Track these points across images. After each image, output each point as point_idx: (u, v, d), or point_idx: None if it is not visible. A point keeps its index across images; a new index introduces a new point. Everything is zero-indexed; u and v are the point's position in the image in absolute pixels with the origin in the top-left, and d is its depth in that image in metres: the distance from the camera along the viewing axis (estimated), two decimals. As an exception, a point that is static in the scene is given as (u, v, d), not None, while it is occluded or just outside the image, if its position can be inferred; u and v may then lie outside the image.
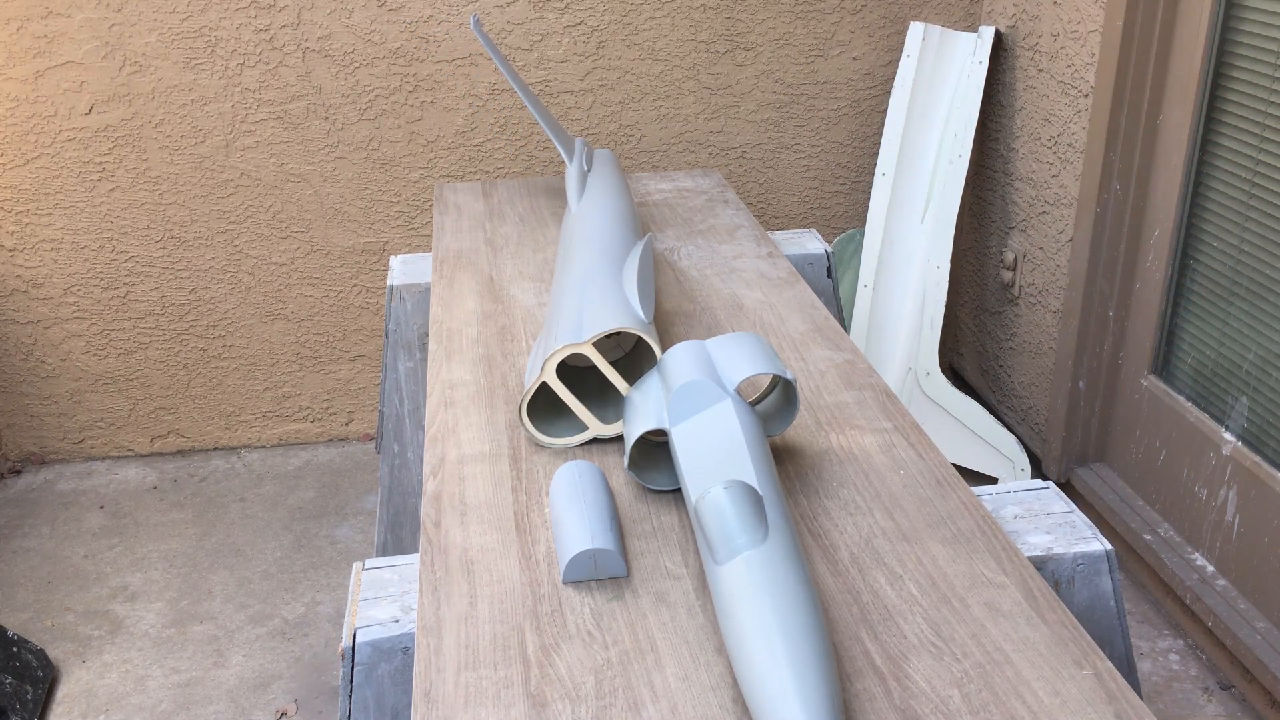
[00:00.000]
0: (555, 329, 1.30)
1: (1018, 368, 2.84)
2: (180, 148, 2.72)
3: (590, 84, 2.80)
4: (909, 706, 0.88)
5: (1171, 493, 2.33)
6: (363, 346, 2.99)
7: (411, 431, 2.03)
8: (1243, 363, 2.12)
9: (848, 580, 1.03)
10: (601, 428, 1.26)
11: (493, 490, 1.18)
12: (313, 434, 3.07)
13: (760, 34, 2.81)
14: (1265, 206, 2.02)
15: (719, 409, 1.10)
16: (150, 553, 2.60)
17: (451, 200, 2.09)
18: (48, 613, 2.41)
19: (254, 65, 2.66)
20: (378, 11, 2.65)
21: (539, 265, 1.76)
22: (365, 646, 1.04)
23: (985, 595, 1.00)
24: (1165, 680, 2.13)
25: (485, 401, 1.36)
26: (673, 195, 2.11)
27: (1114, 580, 1.15)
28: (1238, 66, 2.07)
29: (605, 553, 1.02)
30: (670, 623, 0.98)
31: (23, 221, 2.74)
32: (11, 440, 2.96)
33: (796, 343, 1.52)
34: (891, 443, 1.26)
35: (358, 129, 2.76)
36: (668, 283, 1.70)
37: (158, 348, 2.91)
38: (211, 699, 2.15)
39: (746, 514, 0.95)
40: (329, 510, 2.76)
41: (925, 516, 1.12)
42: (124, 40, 2.60)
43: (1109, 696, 0.88)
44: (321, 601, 2.43)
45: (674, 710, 0.88)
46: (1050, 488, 1.25)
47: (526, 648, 0.95)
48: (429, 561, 1.07)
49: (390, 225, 2.87)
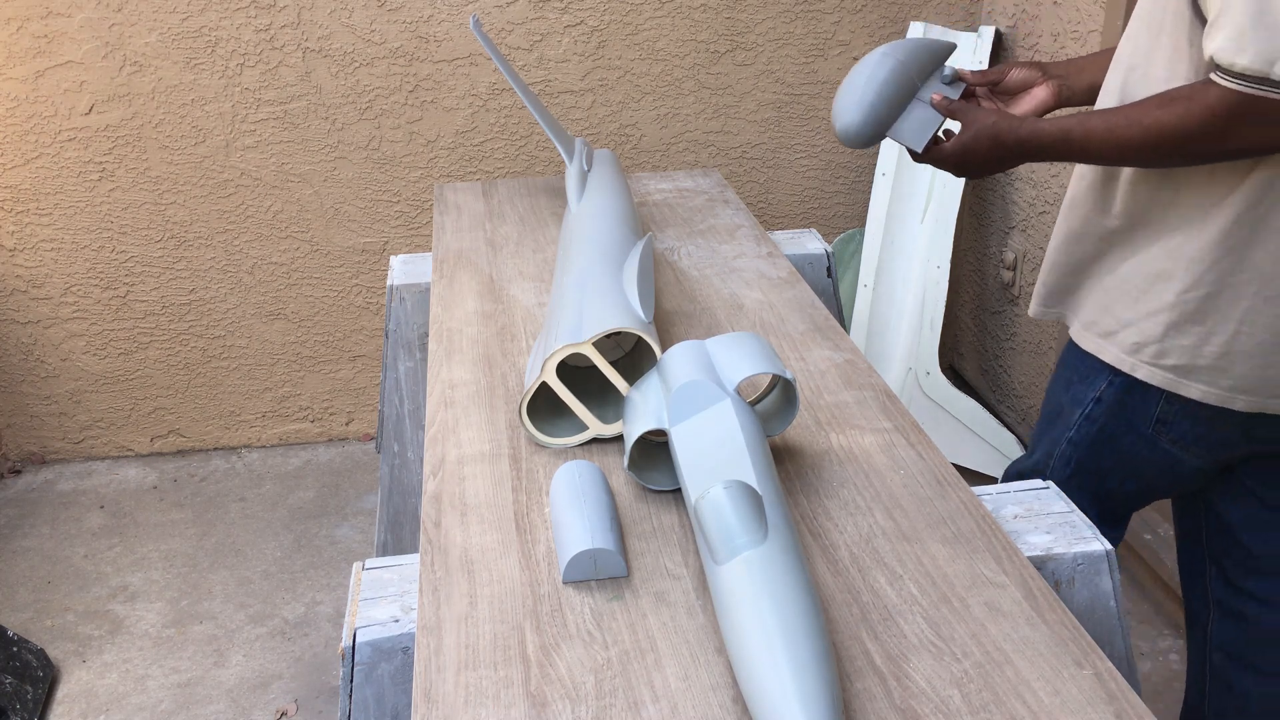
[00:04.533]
0: (555, 329, 1.30)
1: (1018, 368, 2.84)
2: (180, 148, 2.72)
3: (590, 84, 2.80)
4: (909, 706, 0.88)
5: (1171, 493, 2.33)
6: (363, 346, 2.99)
7: (411, 431, 2.03)
8: (1243, 363, 2.12)
9: (848, 580, 1.03)
10: (601, 428, 1.26)
11: (493, 490, 1.18)
12: (313, 434, 3.07)
13: (760, 34, 2.81)
14: (1265, 206, 2.02)
15: (719, 409, 1.10)
16: (150, 553, 2.60)
17: (451, 200, 2.09)
18: (48, 613, 2.41)
19: (254, 65, 2.66)
20: (378, 11, 2.65)
21: (539, 265, 1.76)
22: (365, 646, 1.04)
23: (985, 595, 1.00)
24: (1165, 680, 2.12)
25: (485, 401, 1.36)
26: (673, 195, 2.11)
27: (1114, 580, 1.15)
28: (1238, 66, 2.06)
29: (605, 553, 1.02)
30: (670, 623, 0.98)
31: (23, 221, 2.74)
32: (11, 440, 2.96)
33: (796, 343, 1.52)
34: (891, 443, 1.26)
35: (358, 129, 2.76)
36: (668, 283, 1.70)
37: (158, 348, 2.91)
38: (211, 699, 2.15)
39: (746, 514, 0.95)
40: (329, 510, 2.76)
41: (925, 516, 1.12)
42: (124, 40, 2.60)
43: (1109, 696, 0.88)
44: (321, 601, 2.43)
45: (674, 710, 0.88)
46: (1050, 488, 1.25)
47: (526, 648, 0.95)
48: (429, 561, 1.07)
49: (390, 225, 2.87)
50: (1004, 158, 1.31)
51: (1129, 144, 1.21)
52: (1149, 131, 1.19)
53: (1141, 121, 1.19)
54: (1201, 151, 1.18)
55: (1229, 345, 1.26)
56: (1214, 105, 1.13)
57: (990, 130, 1.31)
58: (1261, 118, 1.11)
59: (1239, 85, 1.11)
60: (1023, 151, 1.30)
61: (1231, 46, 1.09)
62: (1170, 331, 1.29)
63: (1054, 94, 1.49)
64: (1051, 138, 1.28)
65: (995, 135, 1.31)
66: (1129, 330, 1.33)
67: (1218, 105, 1.13)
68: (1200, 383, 1.29)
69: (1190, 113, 1.15)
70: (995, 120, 1.31)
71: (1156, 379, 1.32)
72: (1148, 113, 1.19)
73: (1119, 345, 1.34)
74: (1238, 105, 1.12)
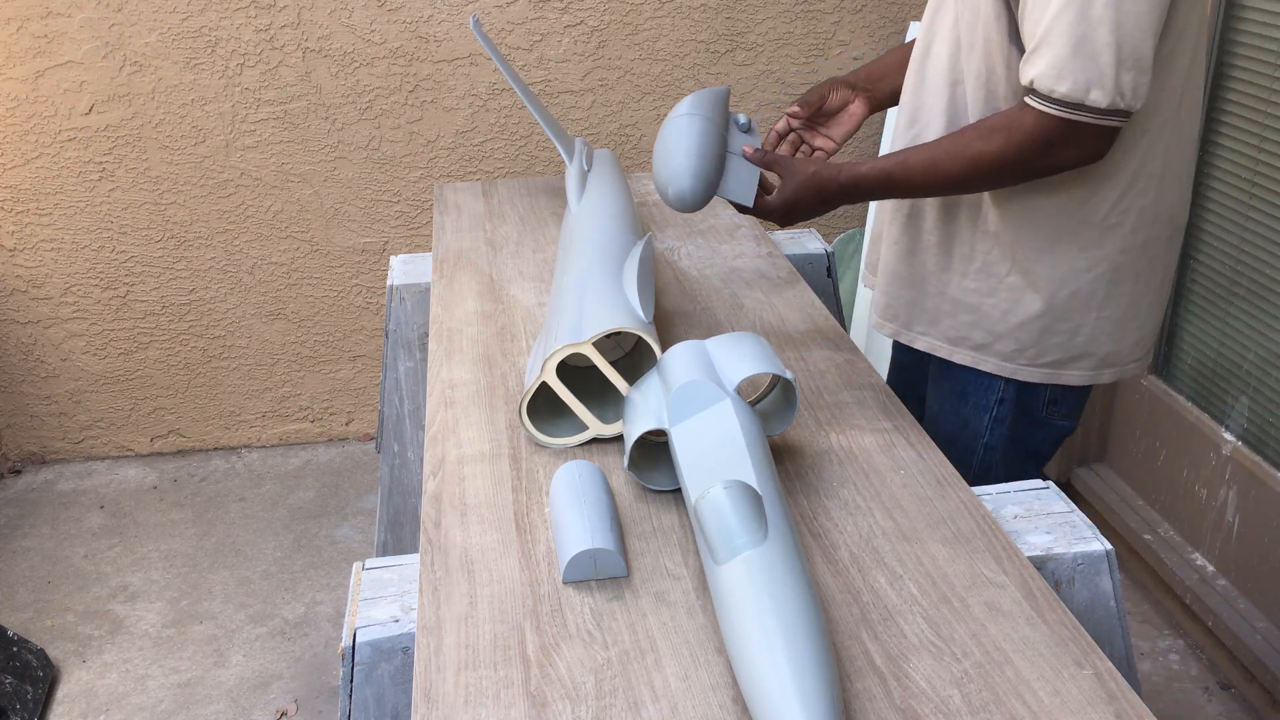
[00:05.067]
0: (555, 329, 1.30)
1: (1018, 368, 2.84)
2: (180, 148, 2.72)
3: (590, 84, 2.80)
4: (909, 706, 0.88)
5: (1171, 493, 2.33)
6: (363, 346, 2.99)
7: (411, 431, 2.03)
8: (1243, 363, 2.12)
9: (848, 580, 1.03)
10: (601, 428, 1.26)
11: (493, 490, 1.18)
12: (313, 434, 3.07)
13: (760, 34, 2.81)
14: (1265, 206, 2.02)
15: (718, 409, 1.10)
16: (150, 553, 2.60)
17: (451, 200, 2.09)
18: (48, 613, 2.41)
19: (254, 65, 2.66)
20: (378, 11, 2.65)
21: (539, 265, 1.76)
22: (365, 646, 1.04)
23: (985, 595, 1.00)
24: (1165, 680, 2.13)
25: (485, 401, 1.36)
26: (673, 195, 2.10)
27: (1114, 580, 1.15)
28: (1238, 66, 2.07)
29: (605, 553, 1.02)
30: (670, 623, 0.98)
31: (23, 221, 2.74)
32: (11, 440, 2.97)
33: (796, 343, 1.52)
34: (891, 443, 1.26)
35: (358, 129, 2.76)
36: (668, 283, 1.70)
37: (158, 348, 2.91)
38: (211, 699, 2.15)
39: (746, 514, 0.95)
40: (329, 510, 2.76)
41: (925, 516, 1.12)
42: (124, 40, 2.60)
43: (1109, 696, 0.88)
44: (321, 601, 2.43)
45: (674, 710, 0.88)
46: (1050, 487, 1.25)
47: (526, 648, 0.95)
48: (429, 561, 1.07)
49: (390, 225, 2.87)
50: (828, 201, 1.37)
51: (952, 176, 1.28)
52: (973, 163, 1.26)
53: (964, 154, 1.26)
54: (1019, 175, 1.26)
55: (1093, 332, 1.37)
56: (1032, 130, 1.21)
57: (813, 181, 1.36)
58: (1074, 139, 1.21)
59: (1056, 110, 1.19)
60: (846, 195, 1.36)
61: (1052, 74, 1.17)
62: (1043, 335, 1.38)
63: (866, 106, 1.56)
64: (873, 181, 1.33)
65: (819, 186, 1.35)
66: (1003, 340, 1.40)
67: (1036, 130, 1.21)
68: (1076, 369, 1.39)
69: (1011, 141, 1.23)
70: (815, 170, 1.36)
71: (1038, 376, 1.41)
72: (969, 144, 1.26)
73: (997, 355, 1.41)
74: (1054, 130, 1.20)
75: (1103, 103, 1.16)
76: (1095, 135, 1.21)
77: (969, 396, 1.46)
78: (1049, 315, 1.36)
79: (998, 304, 1.38)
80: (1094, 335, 1.37)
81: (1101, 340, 1.38)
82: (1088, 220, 1.32)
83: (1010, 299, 1.37)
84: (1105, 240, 1.33)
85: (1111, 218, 1.32)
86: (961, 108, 1.34)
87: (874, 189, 1.34)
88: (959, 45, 1.33)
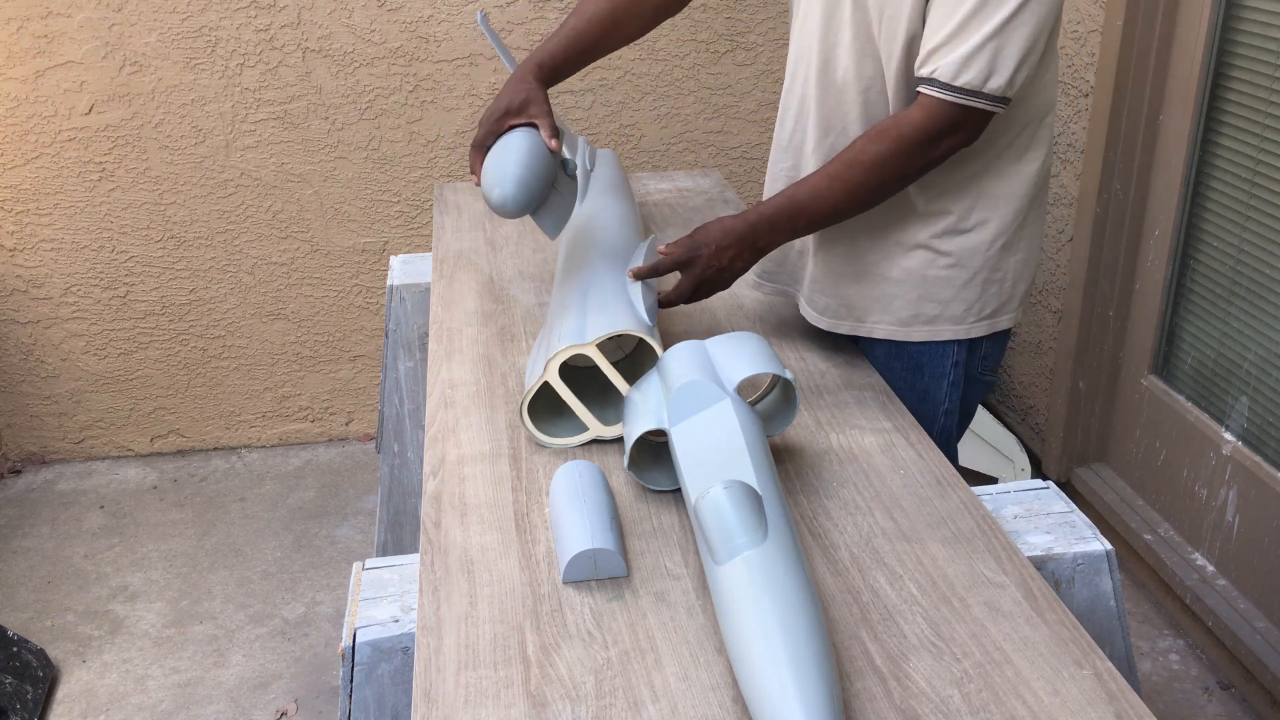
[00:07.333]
0: (558, 329, 1.30)
1: (1018, 368, 2.84)
2: (180, 148, 2.72)
3: (590, 84, 2.80)
4: (909, 706, 0.88)
5: (1171, 493, 2.33)
6: (363, 346, 2.99)
7: (411, 431, 2.03)
8: (1243, 363, 2.12)
9: (848, 580, 1.03)
10: (602, 428, 1.26)
11: (493, 490, 1.18)
12: (313, 434, 3.07)
13: (760, 34, 2.81)
14: (1265, 206, 2.02)
15: (718, 409, 1.10)
16: (150, 553, 2.60)
17: (451, 200, 2.09)
18: (48, 613, 2.41)
19: (254, 65, 2.66)
20: (378, 11, 2.65)
21: (539, 265, 1.76)
22: (365, 646, 1.04)
23: (985, 595, 1.00)
24: (1165, 680, 2.13)
25: (485, 401, 1.36)
26: (673, 195, 2.11)
27: (1114, 580, 1.15)
28: (1238, 66, 2.07)
29: (605, 553, 1.02)
30: (670, 623, 0.98)
31: (23, 221, 2.74)
32: (11, 440, 2.97)
33: (796, 343, 1.52)
34: (891, 443, 1.26)
35: (358, 129, 2.76)
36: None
37: (158, 348, 2.91)
38: (211, 699, 2.15)
39: (746, 514, 0.95)
40: (329, 510, 2.76)
41: (925, 516, 1.12)
42: (124, 40, 2.60)
43: (1109, 696, 0.88)
44: (321, 601, 2.43)
45: (674, 710, 0.88)
46: (1050, 487, 1.25)
47: (526, 648, 0.95)
48: (429, 561, 1.07)
49: (390, 225, 2.87)
50: (741, 252, 1.35)
51: (855, 186, 1.30)
52: (872, 168, 1.28)
53: (861, 162, 1.29)
54: (916, 167, 1.29)
55: (1016, 276, 1.43)
56: (921, 121, 1.26)
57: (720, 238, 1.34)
58: (962, 124, 1.26)
59: (952, 97, 1.23)
60: (754, 236, 1.34)
61: (957, 65, 1.22)
62: (985, 288, 1.42)
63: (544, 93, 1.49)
64: (775, 208, 1.34)
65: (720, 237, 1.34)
66: (952, 305, 1.43)
67: (924, 120, 1.25)
68: (1005, 314, 1.45)
69: (902, 134, 1.26)
70: (710, 225, 1.35)
71: (982, 329, 1.45)
72: (863, 151, 1.29)
73: (949, 321, 1.44)
74: (944, 117, 1.25)
75: (998, 91, 1.23)
76: (982, 120, 1.27)
77: (925, 368, 1.48)
78: (985, 267, 1.40)
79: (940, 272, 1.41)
80: (1017, 276, 1.43)
81: (1021, 281, 1.44)
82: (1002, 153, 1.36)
83: (951, 261, 1.40)
84: (1020, 171, 1.37)
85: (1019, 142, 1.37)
86: (878, 111, 1.36)
87: (778, 216, 1.33)
88: (863, 55, 1.33)
